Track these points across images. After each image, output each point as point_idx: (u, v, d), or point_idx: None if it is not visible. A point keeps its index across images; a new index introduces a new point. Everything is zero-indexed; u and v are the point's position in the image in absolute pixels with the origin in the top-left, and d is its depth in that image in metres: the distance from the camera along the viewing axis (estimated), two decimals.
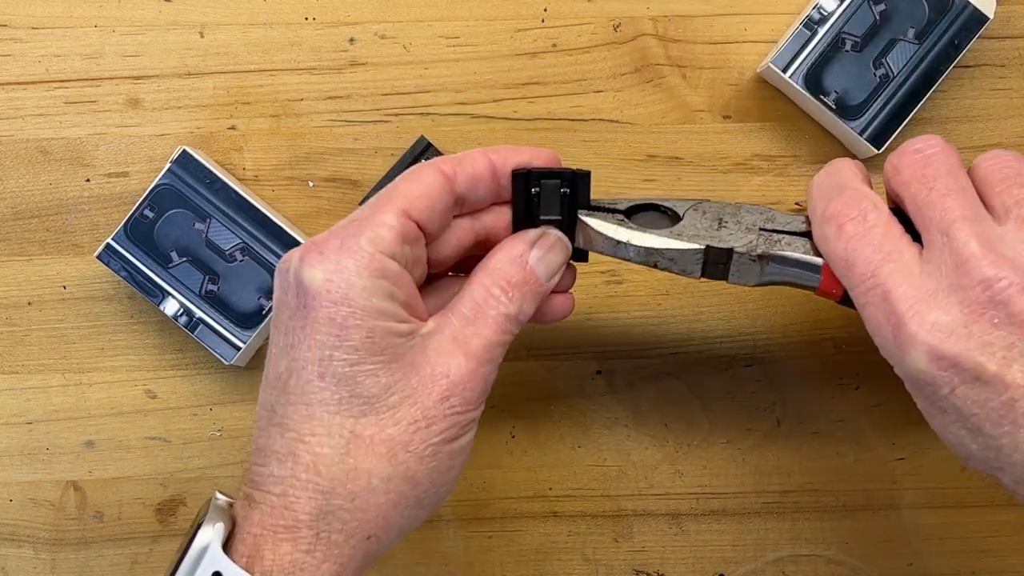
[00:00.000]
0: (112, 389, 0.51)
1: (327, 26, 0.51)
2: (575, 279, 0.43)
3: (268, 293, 0.48)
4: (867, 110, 0.48)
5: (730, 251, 0.40)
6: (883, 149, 0.48)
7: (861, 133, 0.48)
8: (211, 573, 0.35)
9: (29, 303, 0.51)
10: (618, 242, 0.40)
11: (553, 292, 0.41)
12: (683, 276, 0.41)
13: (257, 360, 0.51)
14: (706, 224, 0.41)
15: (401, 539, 0.38)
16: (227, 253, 0.48)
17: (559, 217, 0.41)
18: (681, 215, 0.42)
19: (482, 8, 0.51)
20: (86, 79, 0.50)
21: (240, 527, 0.36)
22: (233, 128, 0.51)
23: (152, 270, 0.48)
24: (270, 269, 0.48)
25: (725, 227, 0.41)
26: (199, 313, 0.48)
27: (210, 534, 0.35)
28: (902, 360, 0.35)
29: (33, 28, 0.50)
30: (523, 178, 0.40)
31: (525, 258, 0.39)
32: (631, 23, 0.51)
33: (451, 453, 0.38)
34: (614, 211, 0.41)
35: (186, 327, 0.48)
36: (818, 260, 0.39)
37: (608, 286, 0.51)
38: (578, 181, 0.41)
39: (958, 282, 0.34)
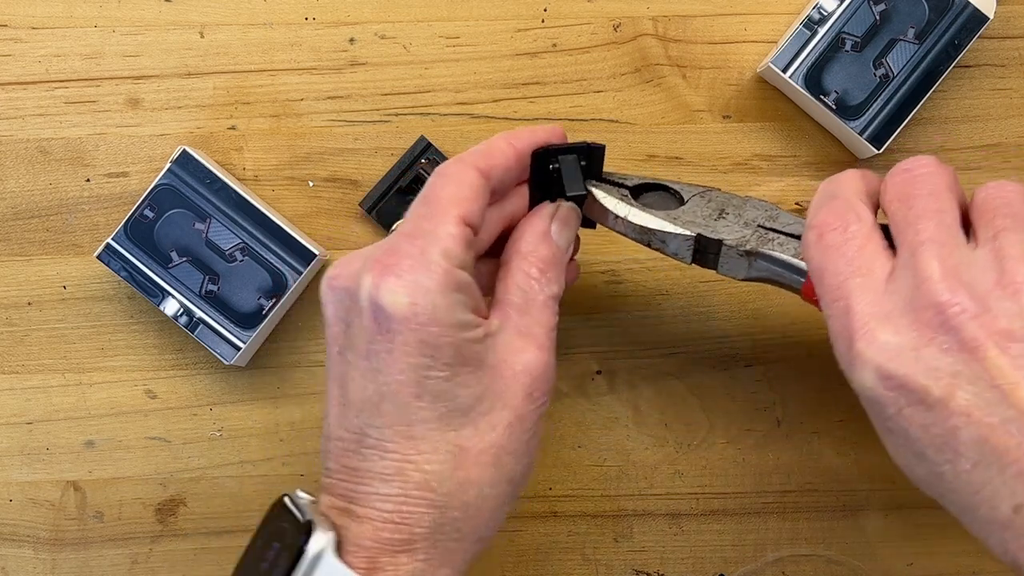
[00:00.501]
0: (112, 389, 0.51)
1: (327, 26, 0.51)
2: (579, 247, 0.44)
3: (268, 293, 0.48)
4: (867, 110, 0.48)
5: (720, 242, 0.40)
6: (883, 149, 0.48)
7: (861, 133, 0.48)
8: None
9: (29, 303, 0.51)
10: (616, 216, 0.41)
11: None
12: (675, 259, 0.41)
13: (257, 360, 0.51)
14: (706, 213, 0.41)
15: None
16: (227, 253, 0.48)
17: (584, 192, 0.41)
18: (686, 200, 0.42)
19: (482, 8, 0.51)
20: (86, 79, 0.50)
21: (344, 539, 0.36)
22: (233, 128, 0.51)
23: (152, 270, 0.48)
24: (270, 269, 0.48)
25: (724, 218, 0.41)
26: (199, 313, 0.48)
27: (323, 541, 0.35)
28: (852, 376, 0.35)
29: (33, 28, 0.50)
30: (542, 156, 0.40)
31: (550, 234, 0.40)
32: (631, 23, 0.51)
33: (536, 445, 0.38)
34: (622, 186, 0.42)
35: (186, 327, 0.48)
36: (803, 264, 0.39)
37: (608, 286, 0.51)
38: (593, 154, 0.42)
39: (913, 304, 0.34)
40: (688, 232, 0.40)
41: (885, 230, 0.37)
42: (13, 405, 0.51)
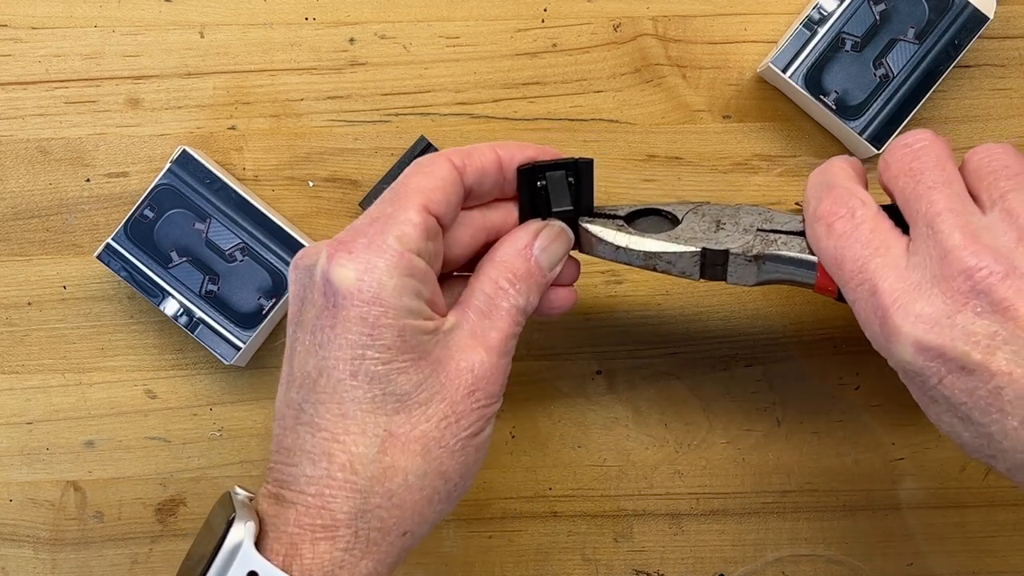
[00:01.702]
0: (112, 389, 0.51)
1: (327, 26, 0.51)
2: (579, 273, 0.43)
3: (268, 293, 0.48)
4: (867, 110, 0.48)
5: (726, 252, 0.41)
6: (883, 149, 0.48)
7: (861, 133, 0.48)
8: (246, 573, 0.34)
9: (29, 303, 0.51)
10: (618, 247, 0.41)
11: (556, 285, 0.42)
12: (684, 278, 0.42)
13: (257, 360, 0.51)
14: (704, 227, 0.42)
15: (431, 532, 0.38)
16: (227, 253, 0.48)
17: (570, 208, 0.41)
18: (680, 219, 0.42)
19: (482, 8, 0.51)
20: (86, 79, 0.50)
21: (271, 526, 0.36)
22: (233, 128, 0.51)
23: (152, 270, 0.48)
24: (270, 269, 0.48)
25: (723, 229, 0.41)
26: (199, 313, 0.48)
27: (242, 532, 0.35)
28: (891, 352, 0.36)
29: (33, 28, 0.50)
30: (528, 172, 0.40)
31: (530, 249, 0.40)
32: (631, 23, 0.51)
33: (477, 446, 0.38)
34: (615, 217, 0.42)
35: (186, 327, 0.48)
36: (813, 258, 0.40)
37: (608, 286, 0.51)
38: (582, 169, 0.41)
39: (941, 273, 0.34)
40: (693, 248, 0.41)
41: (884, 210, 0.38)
42: (13, 405, 0.51)
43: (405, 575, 0.51)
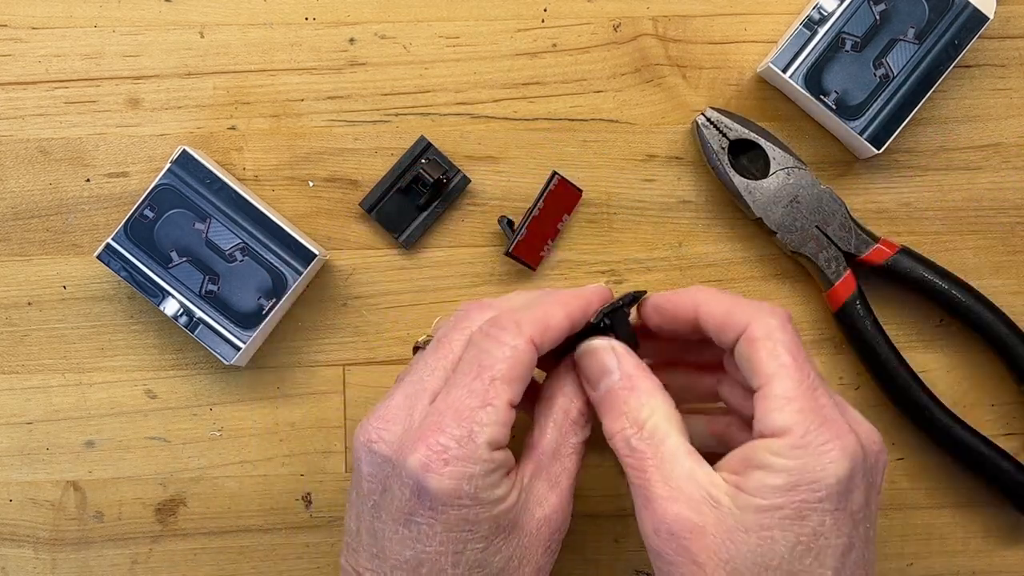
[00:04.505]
0: (112, 389, 0.51)
1: (327, 26, 0.51)
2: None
3: (268, 293, 0.48)
4: (867, 110, 0.48)
5: (773, 232, 0.49)
6: (883, 149, 0.48)
7: (861, 133, 0.48)
8: None
9: (29, 303, 0.51)
10: (712, 155, 0.49)
11: None
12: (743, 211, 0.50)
13: (257, 360, 0.51)
14: (779, 196, 0.49)
15: None
16: (227, 253, 0.48)
17: (637, 344, 0.41)
18: (770, 172, 0.49)
19: (482, 8, 0.51)
20: (86, 79, 0.50)
21: None
22: (233, 128, 0.51)
23: (152, 270, 0.48)
24: (270, 269, 0.48)
25: (793, 207, 0.49)
26: (199, 313, 0.48)
27: None
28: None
29: (33, 28, 0.50)
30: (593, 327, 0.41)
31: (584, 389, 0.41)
32: (631, 23, 0.51)
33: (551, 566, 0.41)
34: (724, 135, 0.49)
35: (186, 327, 0.48)
36: (832, 278, 0.48)
37: (608, 286, 0.51)
38: (636, 299, 0.42)
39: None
40: (753, 212, 0.49)
41: None
42: (13, 405, 0.51)
43: None
